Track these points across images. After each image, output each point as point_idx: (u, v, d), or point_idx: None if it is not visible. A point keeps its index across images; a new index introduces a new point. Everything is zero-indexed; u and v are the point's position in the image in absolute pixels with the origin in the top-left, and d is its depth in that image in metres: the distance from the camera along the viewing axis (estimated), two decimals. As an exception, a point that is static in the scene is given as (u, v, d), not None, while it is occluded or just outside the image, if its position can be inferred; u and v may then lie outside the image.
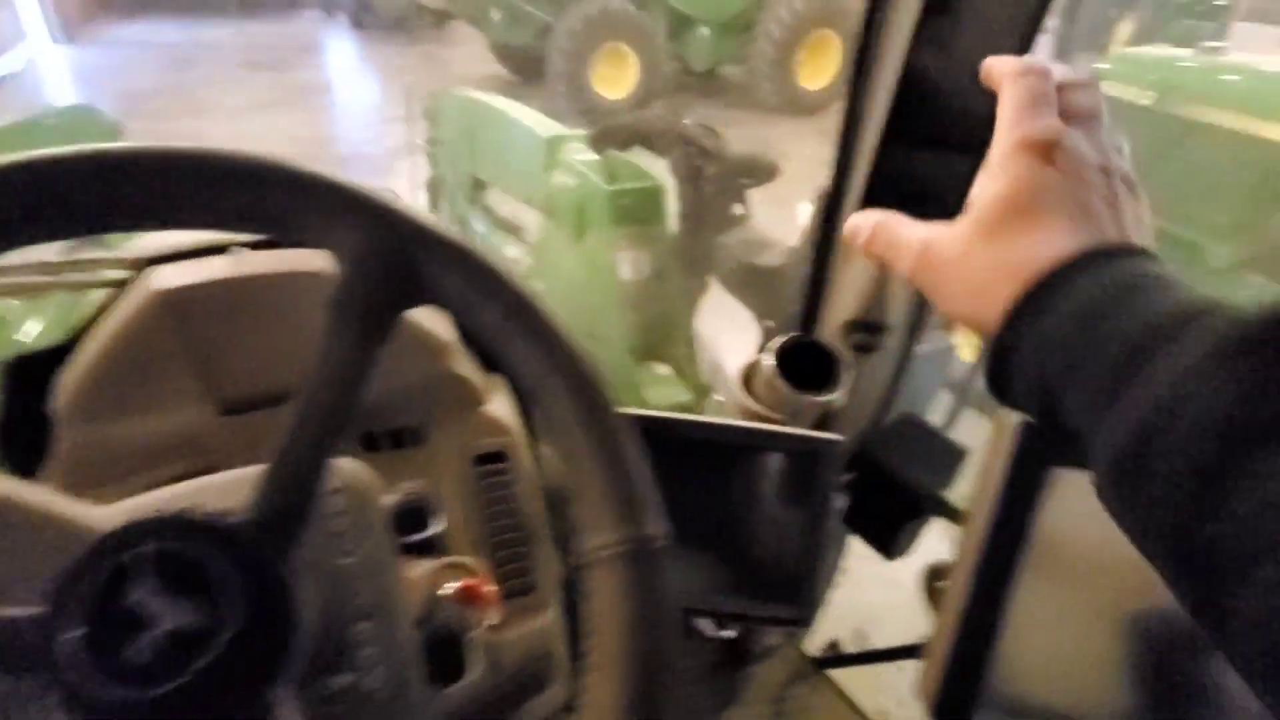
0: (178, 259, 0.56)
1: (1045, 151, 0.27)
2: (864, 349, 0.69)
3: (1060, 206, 0.26)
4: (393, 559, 0.35)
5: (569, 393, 0.27)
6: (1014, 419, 0.38)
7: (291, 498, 0.27)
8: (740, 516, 0.65)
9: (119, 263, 0.70)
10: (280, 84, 7.00)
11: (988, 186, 0.28)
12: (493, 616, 0.52)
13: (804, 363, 0.71)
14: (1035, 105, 0.28)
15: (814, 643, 1.14)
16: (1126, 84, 2.58)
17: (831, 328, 0.72)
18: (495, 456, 0.67)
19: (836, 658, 1.05)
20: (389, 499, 0.37)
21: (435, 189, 2.51)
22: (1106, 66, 2.75)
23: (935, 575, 0.60)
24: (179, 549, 0.23)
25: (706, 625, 0.75)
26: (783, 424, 0.68)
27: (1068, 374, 0.23)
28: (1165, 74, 2.54)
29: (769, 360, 0.68)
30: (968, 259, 0.27)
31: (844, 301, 0.69)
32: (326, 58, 8.58)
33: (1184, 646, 0.39)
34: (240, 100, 6.40)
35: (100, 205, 0.25)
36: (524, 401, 0.77)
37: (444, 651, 0.36)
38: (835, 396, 0.67)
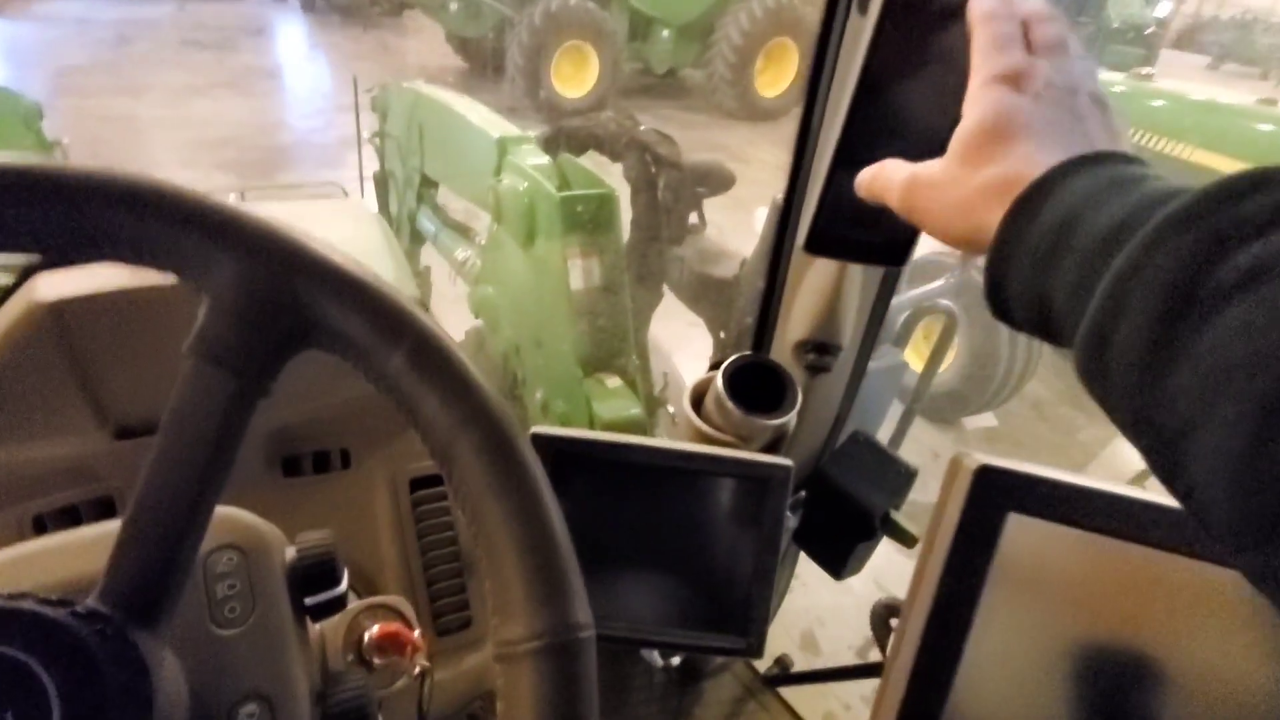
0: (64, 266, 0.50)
1: (1014, 81, 0.29)
2: (816, 369, 0.68)
3: (1034, 126, 0.27)
4: (290, 625, 0.31)
5: (482, 453, 0.24)
6: (971, 461, 0.36)
7: (152, 570, 0.23)
8: (689, 543, 0.62)
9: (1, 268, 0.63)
10: (224, 66, 6.69)
11: (965, 121, 0.29)
12: (419, 663, 0.48)
13: (756, 382, 0.69)
14: (1002, 43, 0.30)
15: (764, 658, 1.13)
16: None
17: (784, 347, 0.71)
18: (431, 481, 0.63)
19: (786, 676, 1.04)
20: (289, 553, 0.33)
21: (383, 184, 2.42)
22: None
23: (886, 613, 0.58)
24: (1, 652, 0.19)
25: (652, 656, 0.73)
26: (733, 446, 0.66)
27: (1055, 275, 0.24)
28: (1100, 96, 2.63)
29: (718, 383, 0.66)
30: (954, 184, 0.29)
31: (797, 321, 0.68)
32: (274, 41, 8.24)
33: (1136, 681, 0.38)
34: (179, 81, 6.08)
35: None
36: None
37: None
38: (786, 420, 0.65)
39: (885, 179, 0.34)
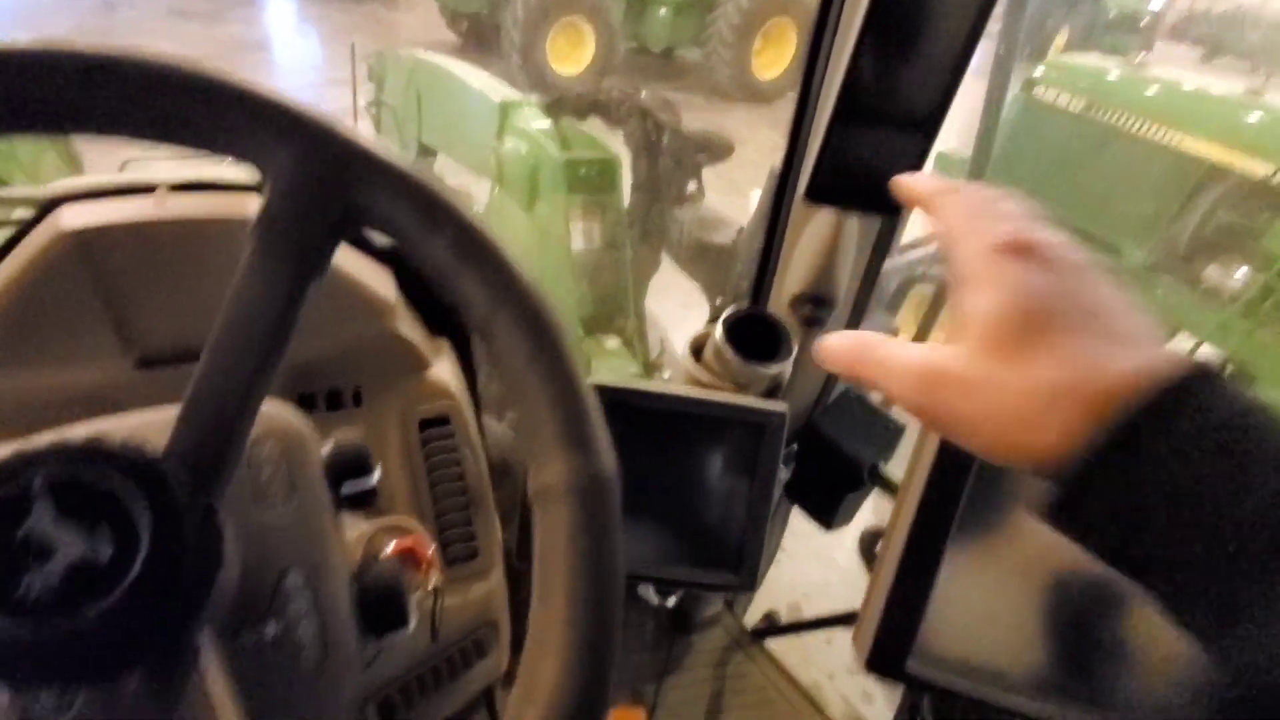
0: (91, 198, 0.52)
1: (1026, 252, 0.24)
2: (811, 322, 0.71)
3: (1071, 311, 0.23)
4: (327, 511, 0.33)
5: (519, 324, 0.26)
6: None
7: (213, 435, 0.25)
8: (687, 485, 0.65)
9: (25, 201, 0.64)
10: (212, 37, 6.56)
11: (979, 303, 0.24)
12: (433, 579, 0.51)
13: (753, 335, 0.71)
14: (985, 210, 0.27)
15: (752, 616, 1.17)
16: (1059, 90, 2.71)
17: (780, 301, 0.73)
18: (439, 420, 0.66)
19: (772, 628, 1.08)
20: (324, 449, 0.35)
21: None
22: (1040, 72, 2.88)
23: (872, 539, 0.62)
24: (84, 476, 0.21)
25: (649, 593, 0.76)
26: (731, 394, 0.69)
27: (1183, 519, 0.20)
28: (1094, 83, 2.68)
29: (718, 331, 0.68)
30: (990, 386, 0.24)
31: (792, 276, 0.70)
32: (264, 12, 8.08)
33: (1100, 607, 0.41)
34: (166, 51, 5.95)
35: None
36: (469, 362, 0.76)
37: (381, 607, 0.35)
38: (782, 368, 0.68)
39: (887, 364, 0.27)
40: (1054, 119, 2.69)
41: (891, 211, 0.56)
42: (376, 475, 0.37)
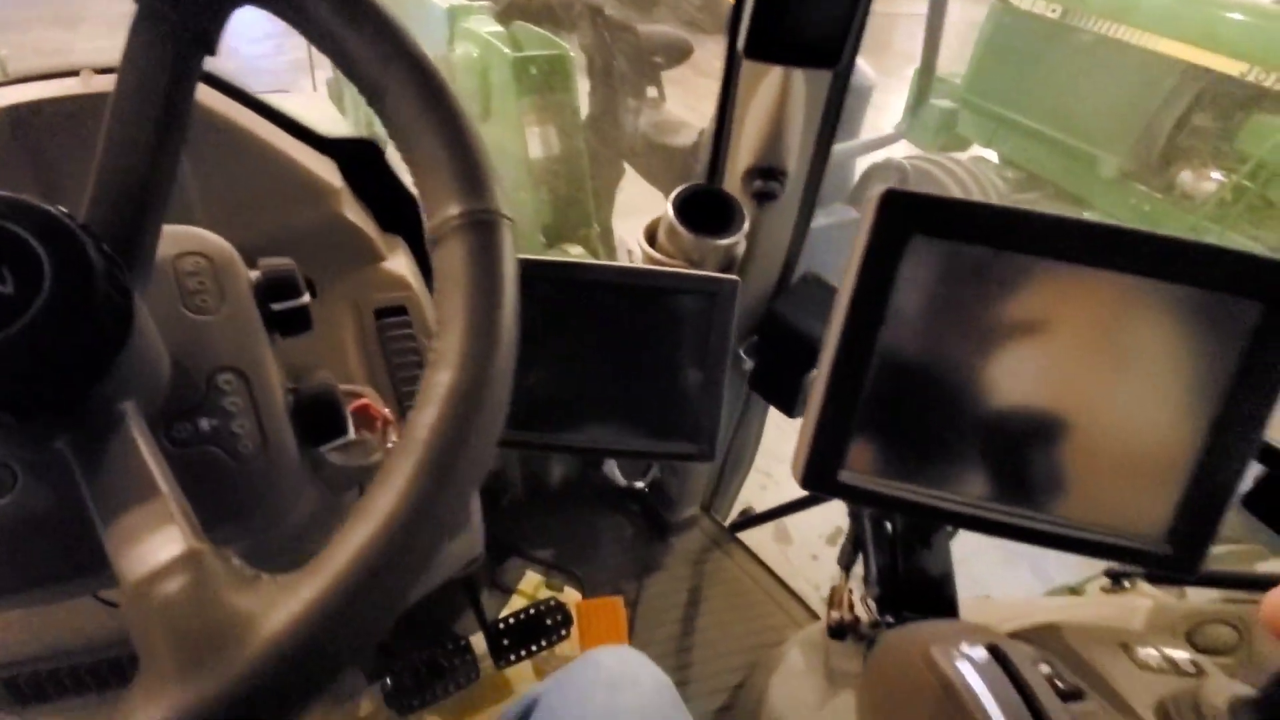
0: (20, 82, 0.51)
1: None
2: (763, 196, 0.71)
3: None
4: (257, 322, 0.34)
5: (409, 80, 0.26)
6: (879, 190, 0.40)
7: (121, 211, 0.25)
8: (643, 359, 0.66)
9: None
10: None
11: None
12: (391, 438, 0.52)
13: (706, 213, 0.72)
14: None
15: (729, 519, 1.21)
16: (1035, -3, 2.64)
17: (733, 178, 0.73)
18: (395, 310, 0.66)
19: (749, 519, 1.12)
20: (253, 273, 0.35)
21: (338, 94, 2.34)
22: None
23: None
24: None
25: (615, 473, 0.78)
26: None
27: None
28: (1070, -13, 2.61)
29: (669, 209, 0.68)
30: None
31: (744, 148, 0.70)
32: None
33: (1025, 426, 0.43)
34: (115, 11, 5.67)
35: None
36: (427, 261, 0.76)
37: (317, 414, 0.36)
38: (735, 240, 0.69)
39: None
40: (1031, 27, 2.63)
41: (832, 64, 0.56)
42: (307, 297, 0.38)
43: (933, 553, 0.50)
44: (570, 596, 1.02)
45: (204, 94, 0.56)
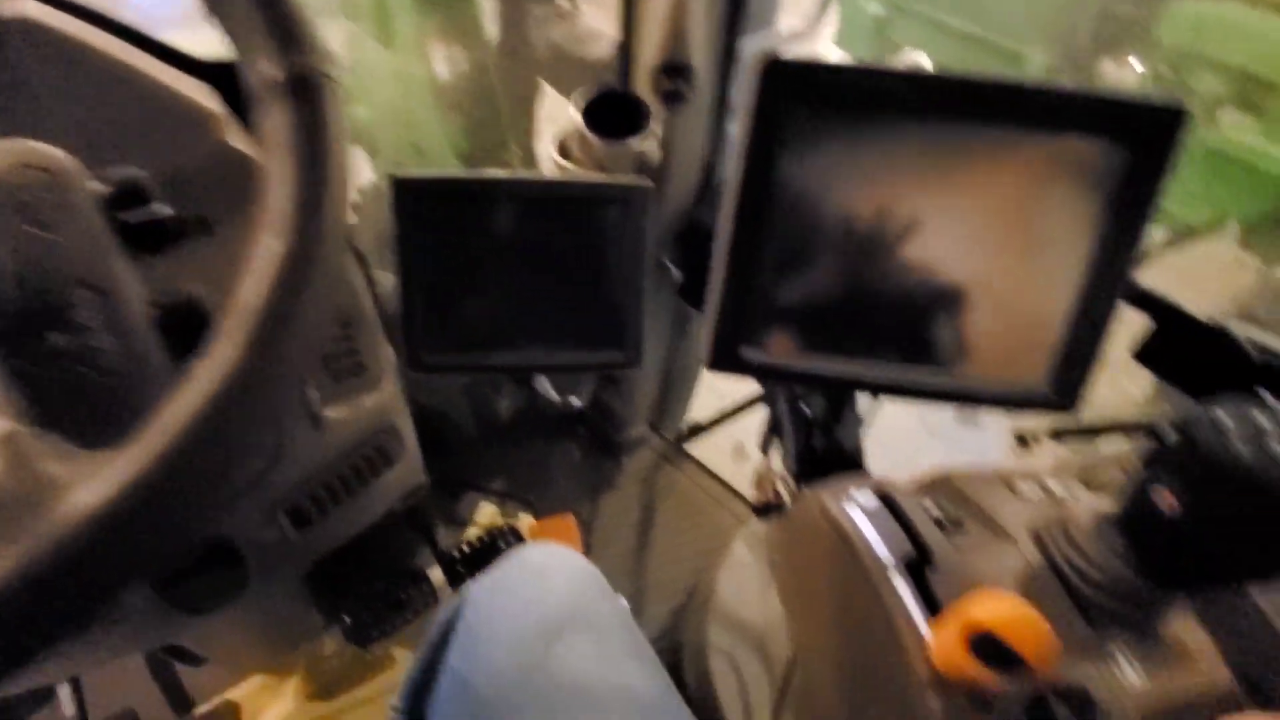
0: None
1: None
2: (672, 98, 0.69)
3: None
4: (107, 234, 0.32)
5: None
6: (758, 58, 0.39)
7: None
8: (561, 270, 0.66)
9: None
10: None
11: None
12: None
13: (618, 118, 0.70)
14: None
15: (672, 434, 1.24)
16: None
17: (643, 80, 0.71)
18: (300, 242, 0.63)
19: (692, 430, 1.15)
20: (98, 186, 0.33)
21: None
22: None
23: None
24: None
25: (548, 389, 0.78)
26: (598, 179, 0.68)
27: None
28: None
29: (573, 113, 0.66)
30: None
31: (648, 45, 0.68)
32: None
33: (918, 291, 0.44)
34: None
35: None
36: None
37: (184, 324, 0.35)
38: (644, 142, 0.67)
39: None
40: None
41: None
42: (163, 207, 0.36)
43: (843, 427, 0.52)
44: (525, 522, 1.04)
45: (62, 21, 0.52)
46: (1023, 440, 0.64)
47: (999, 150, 0.40)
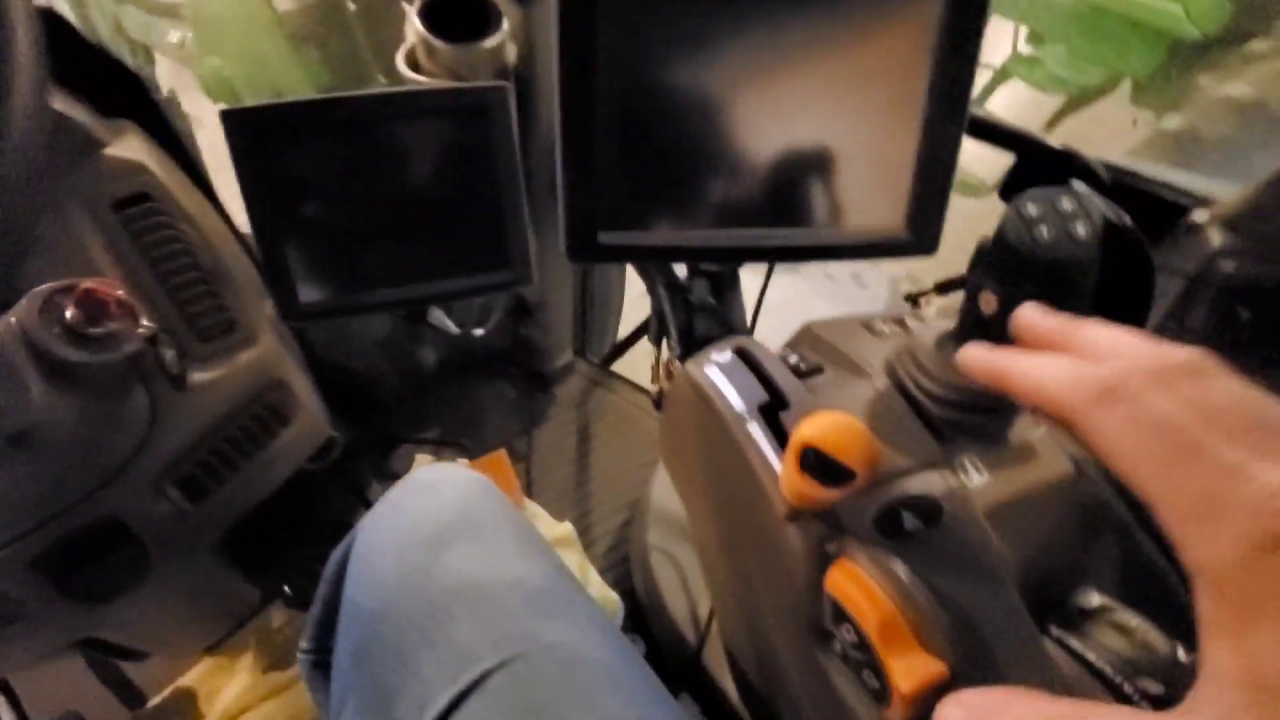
0: None
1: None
2: (522, -10, 0.64)
3: None
4: None
5: None
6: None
7: None
8: (429, 193, 0.62)
9: None
10: None
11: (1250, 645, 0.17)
12: (142, 324, 0.47)
13: (469, 21, 0.65)
14: (1186, 431, 0.18)
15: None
16: None
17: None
18: (137, 199, 0.58)
19: (614, 349, 1.14)
20: None
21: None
22: None
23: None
24: None
25: (446, 322, 0.76)
26: (454, 90, 0.64)
27: None
28: None
29: (413, 17, 0.61)
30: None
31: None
32: None
33: (765, 152, 0.42)
34: None
35: None
36: (169, 141, 0.66)
37: None
38: (495, 43, 0.63)
39: None
40: None
41: None
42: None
43: (727, 307, 0.51)
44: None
45: None
46: (913, 300, 0.65)
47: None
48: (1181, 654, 0.30)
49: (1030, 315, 0.25)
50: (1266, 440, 0.18)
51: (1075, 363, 0.21)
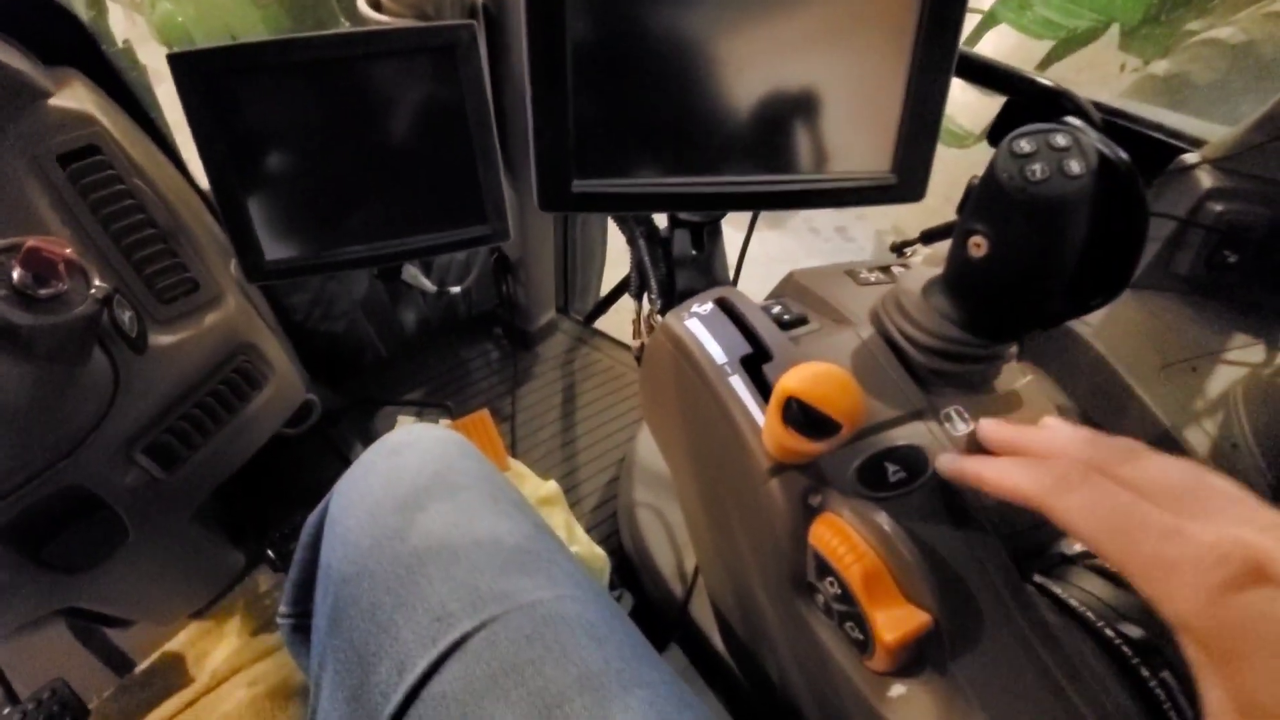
0: None
1: (1262, 578, 0.19)
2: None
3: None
4: None
5: None
6: None
7: None
8: (406, 144, 0.59)
9: None
10: None
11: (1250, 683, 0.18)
12: (94, 284, 0.45)
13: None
14: (1142, 492, 0.21)
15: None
16: None
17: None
18: (84, 152, 0.55)
19: (597, 305, 1.13)
20: None
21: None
22: None
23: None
24: None
25: (421, 281, 0.74)
26: (419, 32, 0.60)
27: None
28: None
29: (373, -49, 0.57)
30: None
31: None
32: None
33: (745, 97, 0.40)
34: None
35: None
36: (117, 91, 0.63)
37: None
38: (460, -21, 0.59)
39: None
40: None
41: None
42: None
43: (705, 258, 0.50)
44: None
45: None
46: (898, 251, 0.64)
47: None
48: (1161, 597, 0.30)
49: (987, 429, 0.29)
50: (1196, 503, 0.21)
51: (1030, 463, 0.25)
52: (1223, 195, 0.52)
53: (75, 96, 0.56)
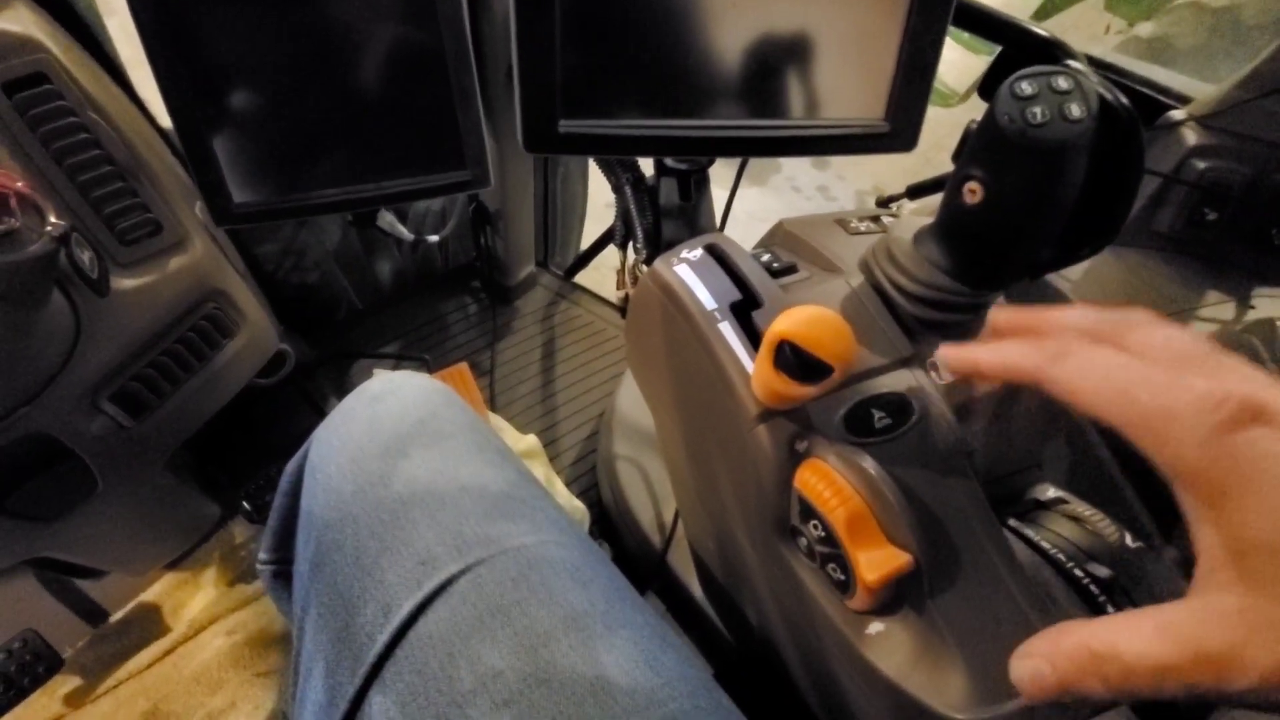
0: None
1: (1263, 417, 0.18)
2: None
3: None
4: None
5: None
6: None
7: None
8: (384, 85, 0.56)
9: None
10: None
11: (1243, 519, 0.18)
12: (50, 221, 0.43)
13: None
14: (1144, 350, 0.21)
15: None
16: None
17: None
18: (30, 80, 0.51)
19: (578, 259, 1.11)
20: None
21: None
22: None
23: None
24: None
25: (398, 228, 0.72)
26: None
27: None
28: None
29: None
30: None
31: None
32: None
33: (736, 40, 0.38)
34: None
35: None
36: (71, 19, 0.58)
37: None
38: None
39: (1102, 660, 0.19)
40: None
41: None
42: None
43: (692, 207, 0.49)
44: (421, 380, 1.01)
45: None
46: (884, 205, 0.63)
47: None
48: (1129, 540, 0.31)
49: (997, 313, 0.28)
50: (1192, 364, 0.21)
51: (1028, 341, 0.25)
52: (1206, 152, 0.52)
53: (19, 20, 0.52)
